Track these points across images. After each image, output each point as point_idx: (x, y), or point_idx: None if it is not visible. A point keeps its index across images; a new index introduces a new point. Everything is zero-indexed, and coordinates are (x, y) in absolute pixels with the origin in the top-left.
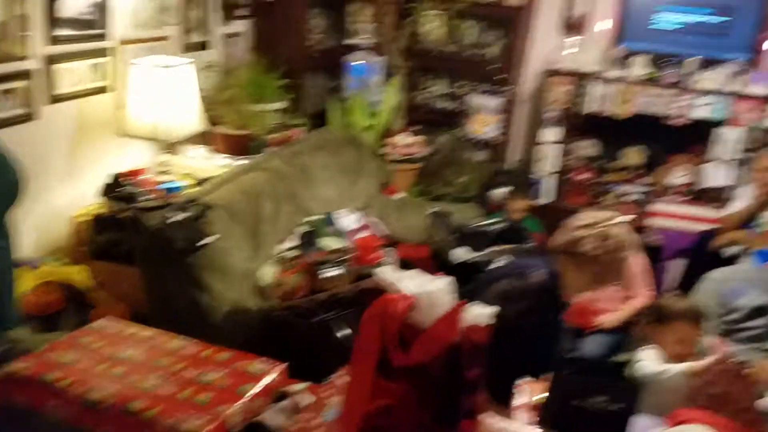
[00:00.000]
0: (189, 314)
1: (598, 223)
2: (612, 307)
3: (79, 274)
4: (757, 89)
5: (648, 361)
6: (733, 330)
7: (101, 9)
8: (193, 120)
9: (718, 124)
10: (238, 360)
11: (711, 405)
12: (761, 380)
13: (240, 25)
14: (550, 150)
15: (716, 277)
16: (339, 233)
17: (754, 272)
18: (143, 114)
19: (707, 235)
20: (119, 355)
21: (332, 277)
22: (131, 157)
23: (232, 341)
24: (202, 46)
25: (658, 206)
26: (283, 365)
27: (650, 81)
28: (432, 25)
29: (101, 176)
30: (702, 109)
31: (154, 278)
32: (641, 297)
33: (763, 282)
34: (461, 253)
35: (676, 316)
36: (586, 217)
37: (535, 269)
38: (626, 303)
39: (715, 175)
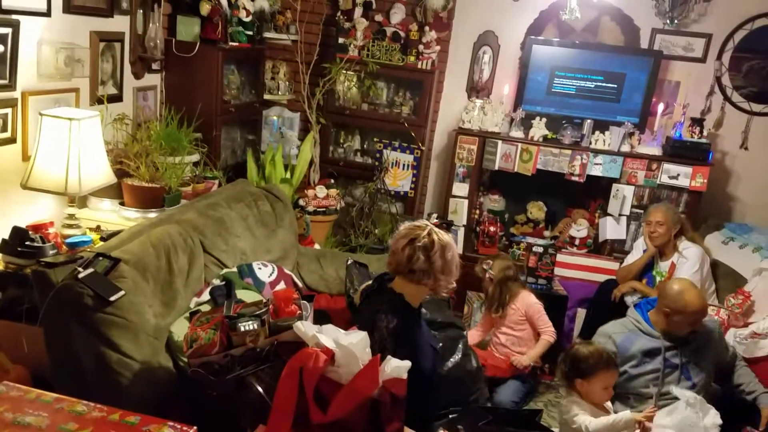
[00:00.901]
0: (96, 375)
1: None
2: (522, 348)
3: None
4: (647, 150)
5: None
6: (633, 376)
7: (3, 60)
8: (102, 172)
9: (614, 180)
10: (147, 423)
11: None
12: None
13: (153, 79)
14: (461, 203)
15: (606, 330)
16: (255, 286)
17: (636, 322)
18: (50, 166)
19: (606, 286)
20: (21, 421)
21: (248, 331)
22: (37, 210)
23: (143, 403)
24: (114, 98)
25: (561, 258)
26: (194, 428)
27: (549, 141)
28: (347, 85)
29: (4, 230)
30: (597, 168)
31: (59, 337)
32: (546, 335)
33: (645, 329)
34: None
35: (600, 366)
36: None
37: (382, 314)
38: (531, 344)
39: (612, 229)
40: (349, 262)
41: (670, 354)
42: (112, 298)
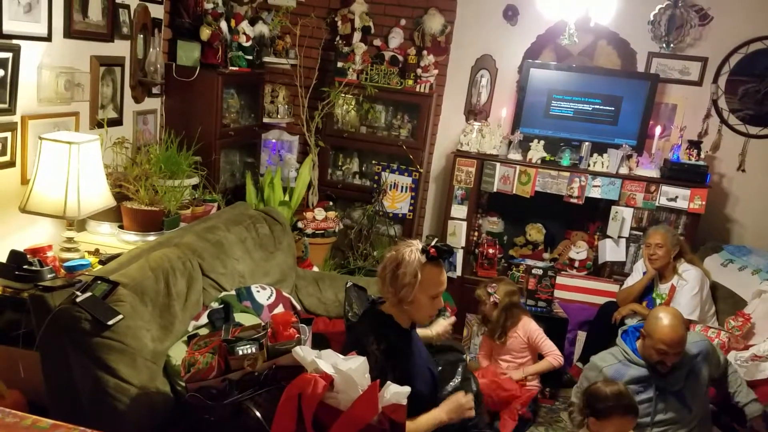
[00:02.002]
0: (93, 400)
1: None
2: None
3: None
4: (645, 172)
5: None
6: None
7: (3, 84)
8: (101, 196)
9: (612, 203)
10: None
11: None
12: None
13: (153, 103)
14: (459, 226)
15: (596, 364)
16: (254, 309)
17: (624, 352)
18: (49, 189)
19: (606, 308)
20: None
21: (246, 355)
22: (35, 233)
23: (140, 428)
24: (114, 122)
25: (561, 280)
26: None
27: (547, 163)
28: (345, 108)
29: (2, 254)
30: (596, 190)
31: (55, 362)
32: (551, 358)
33: (632, 359)
34: None
35: (617, 411)
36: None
37: (371, 336)
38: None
39: (611, 251)
40: (348, 285)
41: (663, 384)
42: (110, 323)
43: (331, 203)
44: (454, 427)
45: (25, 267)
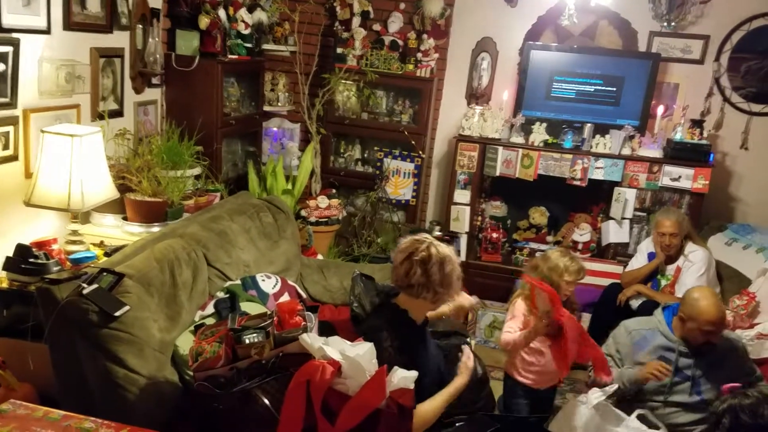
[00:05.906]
0: (102, 391)
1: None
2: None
3: None
4: (647, 152)
5: None
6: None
7: (4, 78)
8: (104, 188)
9: (615, 184)
10: None
11: None
12: None
13: (154, 93)
14: (463, 210)
15: (629, 325)
16: (259, 298)
17: (658, 322)
18: (52, 183)
19: (611, 290)
20: None
21: (253, 344)
22: (40, 227)
23: (150, 418)
24: (115, 114)
25: None
26: None
27: (550, 146)
28: (346, 94)
29: (8, 248)
30: (599, 171)
31: (64, 354)
32: None
33: (664, 330)
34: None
35: None
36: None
37: (384, 332)
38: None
39: (615, 232)
40: (355, 274)
41: (684, 364)
42: (117, 314)
43: (334, 191)
44: (459, 409)
45: (31, 260)
